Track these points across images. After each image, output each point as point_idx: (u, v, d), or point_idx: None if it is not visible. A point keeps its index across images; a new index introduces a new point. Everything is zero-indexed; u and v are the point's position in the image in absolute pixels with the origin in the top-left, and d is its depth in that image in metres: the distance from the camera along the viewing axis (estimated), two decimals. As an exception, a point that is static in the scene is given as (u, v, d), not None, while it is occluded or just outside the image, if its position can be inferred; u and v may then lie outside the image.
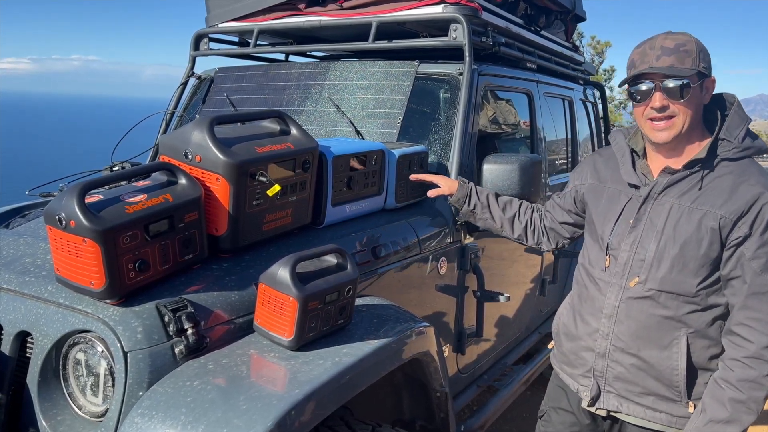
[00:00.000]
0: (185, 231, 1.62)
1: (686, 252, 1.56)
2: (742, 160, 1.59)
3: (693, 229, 1.56)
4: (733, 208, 1.52)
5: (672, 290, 1.59)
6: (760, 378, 1.48)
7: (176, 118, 3.28)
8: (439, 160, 2.57)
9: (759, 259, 1.49)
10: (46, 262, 1.69)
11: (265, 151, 1.77)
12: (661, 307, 1.61)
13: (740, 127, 1.60)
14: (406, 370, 1.89)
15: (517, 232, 2.11)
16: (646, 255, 1.62)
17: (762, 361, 1.48)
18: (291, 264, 1.53)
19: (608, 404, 1.74)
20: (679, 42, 1.57)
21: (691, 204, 1.57)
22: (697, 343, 1.60)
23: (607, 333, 1.70)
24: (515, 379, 3.04)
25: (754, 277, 1.50)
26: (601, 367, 1.73)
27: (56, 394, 1.53)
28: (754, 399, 1.49)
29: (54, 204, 1.47)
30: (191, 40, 3.35)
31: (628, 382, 1.69)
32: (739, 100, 1.66)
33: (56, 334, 1.51)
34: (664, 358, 1.62)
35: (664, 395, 1.65)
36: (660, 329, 1.62)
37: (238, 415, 1.28)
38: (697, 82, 1.56)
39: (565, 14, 3.88)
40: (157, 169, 1.70)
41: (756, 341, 1.48)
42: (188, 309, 1.50)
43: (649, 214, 1.64)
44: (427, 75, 2.72)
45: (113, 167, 2.31)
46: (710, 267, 1.56)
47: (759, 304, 1.49)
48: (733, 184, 1.55)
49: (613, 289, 1.69)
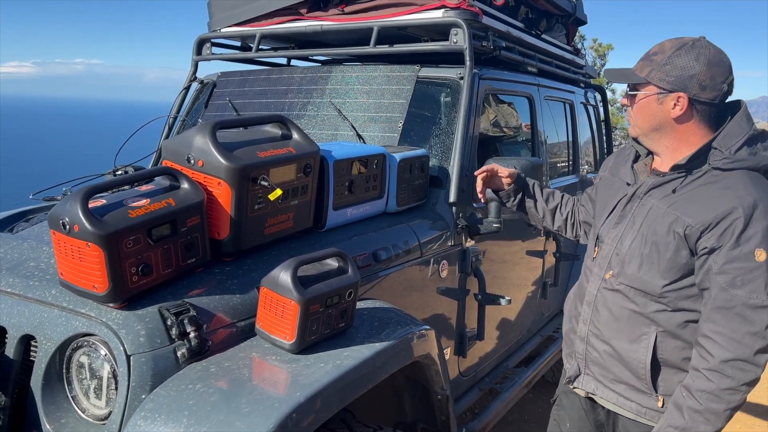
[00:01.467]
0: (188, 235, 1.63)
1: (654, 253, 1.59)
2: (734, 172, 1.55)
3: (664, 232, 1.58)
4: (702, 218, 1.51)
5: (639, 287, 1.63)
6: (717, 391, 1.48)
7: (179, 122, 3.30)
8: (440, 164, 2.58)
9: (725, 274, 1.48)
10: (50, 266, 1.71)
11: (266, 156, 1.78)
12: (630, 302, 1.65)
13: (738, 137, 1.55)
14: (408, 373, 1.89)
15: (558, 224, 2.14)
16: (622, 250, 1.67)
17: (721, 375, 1.48)
18: (292, 267, 1.54)
19: (586, 386, 1.81)
20: (658, 49, 1.61)
21: (667, 207, 1.59)
22: (668, 343, 1.62)
23: (586, 319, 1.77)
24: (517, 382, 3.05)
25: (719, 291, 1.49)
26: (581, 350, 1.80)
27: (60, 397, 1.54)
28: (711, 410, 1.48)
29: (58, 208, 1.48)
30: (194, 44, 3.37)
31: (602, 368, 1.74)
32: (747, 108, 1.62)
33: (60, 338, 1.52)
34: (632, 351, 1.65)
35: (634, 385, 1.68)
36: (630, 323, 1.66)
37: (240, 418, 1.29)
38: (649, 93, 1.59)
39: (566, 18, 3.89)
40: (159, 173, 1.72)
41: (716, 355, 1.48)
42: (191, 312, 1.51)
43: (633, 212, 1.69)
44: (429, 79, 2.73)
45: (116, 171, 2.32)
46: (678, 271, 1.57)
47: (722, 318, 1.49)
48: (712, 195, 1.53)
49: (594, 279, 1.76)
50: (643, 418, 1.69)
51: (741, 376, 1.47)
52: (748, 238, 1.47)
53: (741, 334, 1.47)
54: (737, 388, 1.47)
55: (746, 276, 1.47)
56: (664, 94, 1.58)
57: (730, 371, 1.47)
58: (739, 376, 1.47)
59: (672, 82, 1.57)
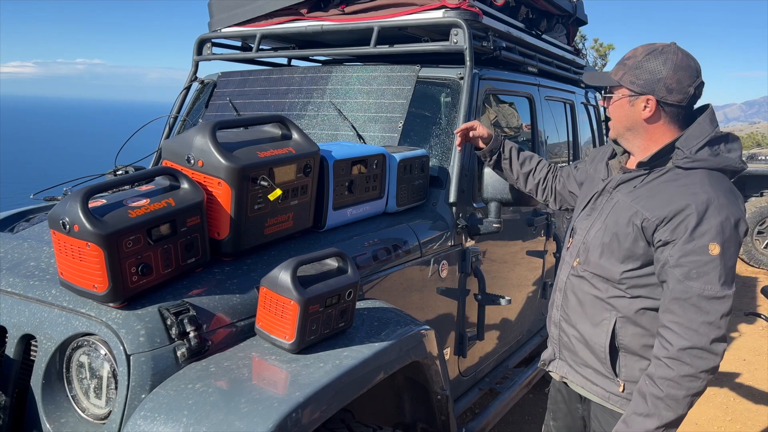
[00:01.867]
0: (187, 235, 1.64)
1: (614, 242, 1.70)
2: (695, 171, 1.63)
3: (624, 223, 1.68)
4: (658, 212, 1.61)
5: (600, 274, 1.74)
6: (677, 378, 1.55)
7: (179, 122, 3.30)
8: (440, 164, 2.58)
9: (681, 267, 1.56)
10: (50, 266, 1.71)
11: (266, 156, 1.79)
12: (593, 288, 1.76)
13: (699, 138, 1.63)
14: (407, 373, 1.90)
15: (529, 187, 2.32)
16: (588, 240, 1.79)
17: (680, 363, 1.55)
18: (292, 267, 1.55)
19: (560, 370, 1.92)
20: (631, 54, 1.71)
21: (630, 202, 1.70)
22: (627, 329, 1.71)
23: (558, 305, 1.89)
24: (517, 382, 3.05)
25: (676, 283, 1.57)
26: (555, 335, 1.92)
27: (60, 397, 1.54)
28: (671, 397, 1.56)
29: (58, 208, 1.49)
30: (194, 44, 3.38)
31: (572, 352, 1.85)
32: (714, 110, 1.71)
33: (60, 337, 1.52)
34: (594, 335, 1.76)
35: (599, 370, 1.77)
36: (593, 307, 1.76)
37: (240, 418, 1.30)
38: (622, 95, 1.70)
39: (567, 18, 3.89)
40: (159, 173, 1.72)
41: (675, 344, 1.56)
42: (190, 312, 1.51)
43: (602, 205, 1.80)
44: (429, 79, 2.73)
45: (116, 171, 2.33)
46: (636, 261, 1.67)
47: (680, 309, 1.57)
48: (670, 192, 1.62)
49: (566, 267, 1.88)
50: (608, 402, 1.77)
51: (699, 364, 1.54)
52: (702, 233, 1.55)
53: (697, 324, 1.54)
54: (696, 375, 1.54)
55: (701, 269, 1.54)
56: (635, 97, 1.68)
57: (689, 359, 1.54)
58: (697, 363, 1.54)
59: (641, 85, 1.67)
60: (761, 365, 4.76)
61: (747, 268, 8.00)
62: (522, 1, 3.25)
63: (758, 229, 8.08)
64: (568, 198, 2.20)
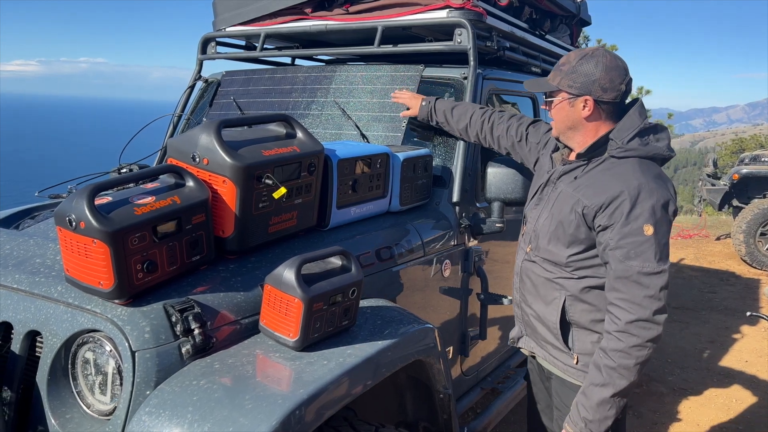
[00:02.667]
0: (192, 233, 1.65)
1: (559, 229, 1.85)
2: (627, 159, 1.79)
3: (567, 211, 1.83)
4: (595, 200, 1.75)
5: (549, 258, 1.90)
6: (627, 348, 1.70)
7: (183, 120, 3.31)
8: (444, 164, 2.58)
9: (621, 248, 1.71)
10: (55, 263, 1.72)
11: (271, 154, 1.80)
12: (545, 271, 1.92)
13: (629, 129, 1.79)
14: (410, 372, 1.91)
15: (472, 138, 2.48)
16: (537, 227, 1.94)
17: (628, 335, 1.70)
18: (296, 265, 1.55)
19: (527, 345, 2.10)
20: (565, 60, 1.86)
21: (572, 191, 1.84)
22: (576, 306, 1.87)
23: (517, 287, 2.07)
24: (518, 381, 3.05)
25: (617, 263, 1.72)
26: (519, 314, 2.10)
27: (65, 393, 1.55)
28: (623, 366, 1.70)
29: (64, 205, 1.50)
30: (199, 43, 3.38)
31: (533, 330, 2.03)
32: (642, 103, 1.86)
33: (65, 334, 1.53)
34: (548, 313, 1.93)
35: (555, 345, 1.94)
36: (545, 288, 1.93)
37: (244, 414, 1.31)
38: (563, 98, 1.84)
39: (570, 18, 3.89)
40: (165, 171, 1.73)
41: (622, 318, 1.71)
42: (195, 309, 1.52)
43: (548, 195, 1.95)
44: (432, 79, 2.74)
45: (121, 169, 2.34)
46: (580, 245, 1.82)
47: (623, 286, 1.71)
48: (604, 180, 1.77)
49: (521, 252, 2.05)
50: (567, 375, 1.94)
51: (645, 334, 1.69)
52: (636, 216, 1.70)
53: (640, 298, 1.69)
54: (643, 345, 1.70)
55: (638, 249, 1.69)
56: (573, 98, 1.83)
57: (635, 330, 1.69)
58: (643, 334, 1.69)
59: (578, 88, 1.81)
60: (763, 367, 4.75)
61: (749, 270, 7.99)
62: (526, 2, 3.25)
63: (761, 231, 8.06)
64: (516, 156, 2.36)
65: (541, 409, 2.19)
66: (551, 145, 2.10)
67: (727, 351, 5.07)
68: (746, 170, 9.33)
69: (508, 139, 2.34)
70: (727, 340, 5.31)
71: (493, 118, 2.40)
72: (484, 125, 2.40)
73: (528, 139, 2.27)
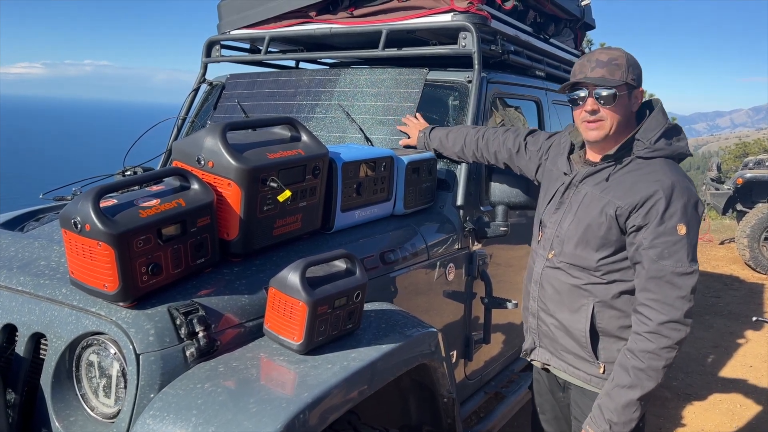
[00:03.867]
0: (197, 235, 1.65)
1: (588, 232, 1.82)
2: (654, 160, 1.78)
3: (596, 214, 1.80)
4: (629, 200, 1.74)
5: (577, 263, 1.85)
6: (657, 350, 1.68)
7: (188, 123, 3.32)
8: (448, 167, 2.58)
9: (655, 248, 1.70)
10: (60, 265, 1.72)
11: (276, 157, 1.80)
12: (570, 277, 1.87)
13: (656, 130, 1.80)
14: (414, 376, 1.90)
15: (471, 159, 2.47)
16: (561, 232, 1.90)
17: (659, 336, 1.68)
18: (301, 269, 1.55)
19: (541, 357, 2.03)
20: (612, 57, 1.80)
21: (600, 193, 1.82)
22: (605, 312, 1.83)
23: (535, 296, 2.00)
24: (522, 386, 3.04)
25: (650, 263, 1.70)
26: (534, 325, 2.03)
27: (69, 395, 1.55)
28: (652, 368, 1.69)
29: (70, 208, 1.50)
30: (203, 46, 3.39)
31: (552, 340, 1.96)
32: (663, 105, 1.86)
33: (70, 336, 1.53)
34: (574, 321, 1.87)
35: (580, 355, 1.89)
36: (570, 295, 1.88)
37: (248, 418, 1.30)
38: (624, 91, 1.78)
39: (575, 22, 3.89)
40: (170, 174, 1.73)
41: (654, 319, 1.69)
42: (199, 312, 1.52)
43: (570, 198, 1.91)
44: (437, 82, 2.74)
45: (126, 172, 2.34)
46: (610, 247, 1.80)
47: (656, 287, 1.70)
48: (636, 180, 1.76)
49: (540, 259, 1.98)
50: (590, 385, 1.90)
51: (675, 336, 1.68)
52: (670, 215, 1.69)
53: (672, 299, 1.68)
54: (672, 347, 1.69)
55: (672, 248, 1.69)
56: (632, 91, 1.81)
57: (666, 332, 1.68)
58: (673, 335, 1.68)
59: (635, 80, 1.80)
60: (759, 363, 4.73)
61: (753, 275, 7.96)
62: (530, 5, 3.25)
63: (765, 235, 8.03)
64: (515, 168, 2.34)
65: (546, 419, 2.17)
66: (560, 150, 2.06)
67: (731, 356, 5.05)
68: (750, 174, 9.31)
69: (506, 151, 2.32)
70: (732, 345, 5.28)
71: (487, 135, 2.38)
72: (479, 143, 2.39)
73: (527, 148, 2.26)
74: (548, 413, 2.15)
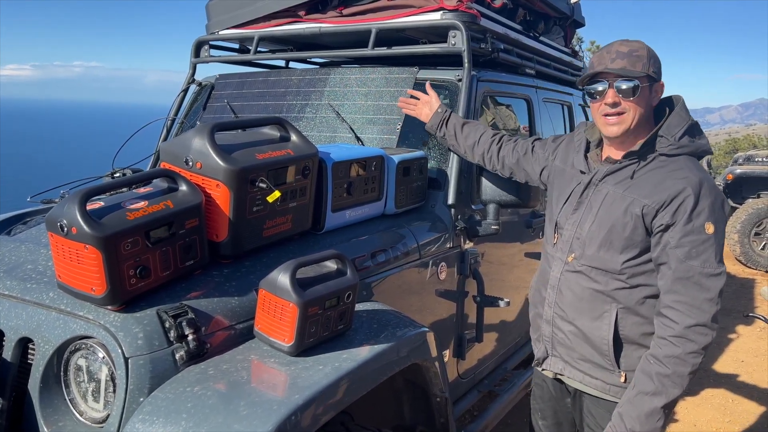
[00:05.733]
0: (186, 237, 1.63)
1: (613, 233, 1.74)
2: (678, 157, 1.72)
3: (620, 213, 1.72)
4: (656, 198, 1.67)
5: (600, 266, 1.77)
6: (683, 355, 1.61)
7: (177, 124, 3.30)
8: (439, 166, 2.58)
9: (682, 247, 1.63)
10: (47, 269, 1.70)
11: (265, 158, 1.78)
12: (592, 281, 1.78)
13: (679, 126, 1.74)
14: (407, 376, 1.89)
15: (476, 158, 2.39)
16: (582, 234, 1.81)
17: (686, 340, 1.61)
18: (291, 270, 1.54)
19: (554, 367, 1.94)
20: (633, 48, 1.73)
21: (623, 192, 1.74)
22: (628, 319, 1.75)
23: (551, 302, 1.89)
24: (516, 384, 3.04)
25: (678, 264, 1.64)
26: (548, 333, 1.92)
27: (58, 400, 1.53)
28: (678, 374, 1.62)
29: (56, 211, 1.48)
30: (192, 47, 3.37)
31: (568, 348, 1.87)
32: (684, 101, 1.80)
33: (58, 340, 1.51)
34: (595, 328, 1.78)
35: (598, 363, 1.81)
36: (592, 301, 1.79)
37: (239, 421, 1.29)
38: (646, 83, 1.72)
39: (564, 20, 3.89)
40: (158, 175, 1.71)
41: (681, 322, 1.62)
42: (189, 315, 1.51)
43: (589, 198, 1.82)
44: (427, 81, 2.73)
45: (114, 174, 2.32)
46: (635, 249, 1.72)
47: (683, 288, 1.63)
48: (662, 177, 1.69)
49: (557, 263, 1.88)
50: (608, 394, 1.82)
51: (702, 340, 1.62)
52: (698, 213, 1.63)
53: (700, 301, 1.62)
54: (699, 352, 1.62)
55: (699, 247, 1.62)
56: (653, 84, 1.75)
57: (693, 336, 1.61)
58: (700, 340, 1.62)
59: (656, 72, 1.74)
60: (759, 366, 4.76)
61: (744, 270, 8.01)
62: (520, 3, 3.25)
63: (755, 231, 8.09)
64: (520, 174, 2.27)
65: (546, 425, 2.12)
66: (573, 148, 1.98)
67: (723, 351, 5.07)
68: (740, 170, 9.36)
69: (514, 155, 2.26)
70: (723, 340, 5.31)
71: (503, 140, 2.32)
72: (492, 145, 2.32)
73: (534, 151, 2.19)
74: (549, 419, 2.09)
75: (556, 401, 2.04)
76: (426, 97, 2.51)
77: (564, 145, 2.06)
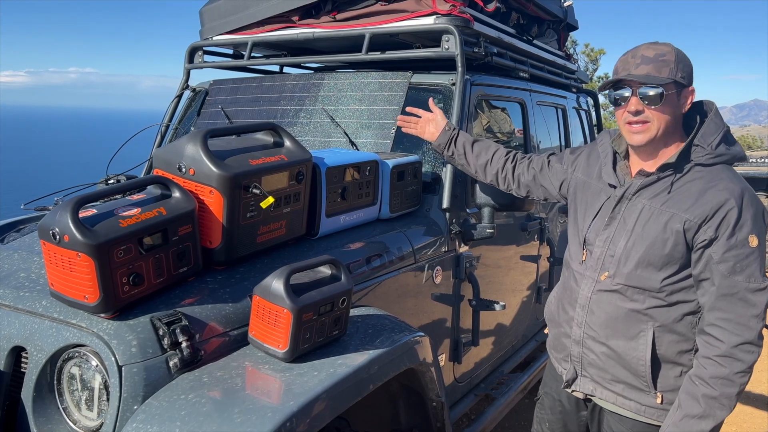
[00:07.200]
0: (179, 244, 1.63)
1: (651, 251, 1.64)
2: (715, 166, 1.65)
3: (659, 229, 1.64)
4: (698, 211, 1.59)
5: (637, 285, 1.67)
6: (731, 375, 1.55)
7: (171, 130, 3.29)
8: (434, 170, 2.58)
9: (726, 262, 1.56)
10: (40, 277, 1.69)
11: (258, 164, 1.78)
12: (628, 300, 1.69)
13: (715, 134, 1.65)
14: (402, 380, 1.89)
15: (489, 178, 2.28)
16: (616, 251, 1.71)
17: (733, 359, 1.55)
18: (285, 276, 1.54)
19: (584, 388, 1.84)
20: (659, 52, 1.64)
21: (661, 206, 1.65)
22: (664, 337, 1.68)
23: (581, 322, 1.80)
24: (512, 387, 3.04)
25: (722, 279, 1.57)
26: (577, 353, 1.83)
27: (51, 409, 1.52)
28: (726, 395, 1.55)
29: (48, 219, 1.48)
30: (186, 52, 3.37)
31: (600, 369, 1.78)
32: (717, 108, 1.72)
33: (51, 349, 1.51)
34: (630, 349, 1.70)
35: (633, 384, 1.73)
36: (627, 321, 1.70)
37: (233, 428, 1.29)
38: (673, 90, 1.63)
39: (558, 23, 3.90)
40: (151, 182, 1.71)
41: (726, 341, 1.56)
42: (183, 322, 1.50)
43: (622, 213, 1.73)
44: (421, 85, 2.73)
45: (108, 180, 2.31)
46: (675, 266, 1.63)
47: (728, 305, 1.57)
48: (702, 189, 1.61)
49: (587, 282, 1.78)
50: (642, 416, 1.74)
51: (749, 359, 1.55)
52: (741, 226, 1.55)
53: (746, 318, 1.55)
54: (746, 371, 1.55)
55: (743, 262, 1.55)
56: (681, 90, 1.65)
57: (740, 354, 1.55)
58: (747, 358, 1.55)
59: (685, 78, 1.64)
60: (759, 367, 4.75)
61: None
62: (513, 7, 3.26)
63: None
64: (538, 191, 2.16)
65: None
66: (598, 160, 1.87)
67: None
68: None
69: (530, 172, 2.15)
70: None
71: (517, 158, 2.21)
72: (507, 164, 2.21)
73: (551, 165, 2.09)
74: (558, 430, 2.03)
75: (568, 414, 1.97)
76: (430, 115, 2.39)
77: (584, 156, 1.96)
